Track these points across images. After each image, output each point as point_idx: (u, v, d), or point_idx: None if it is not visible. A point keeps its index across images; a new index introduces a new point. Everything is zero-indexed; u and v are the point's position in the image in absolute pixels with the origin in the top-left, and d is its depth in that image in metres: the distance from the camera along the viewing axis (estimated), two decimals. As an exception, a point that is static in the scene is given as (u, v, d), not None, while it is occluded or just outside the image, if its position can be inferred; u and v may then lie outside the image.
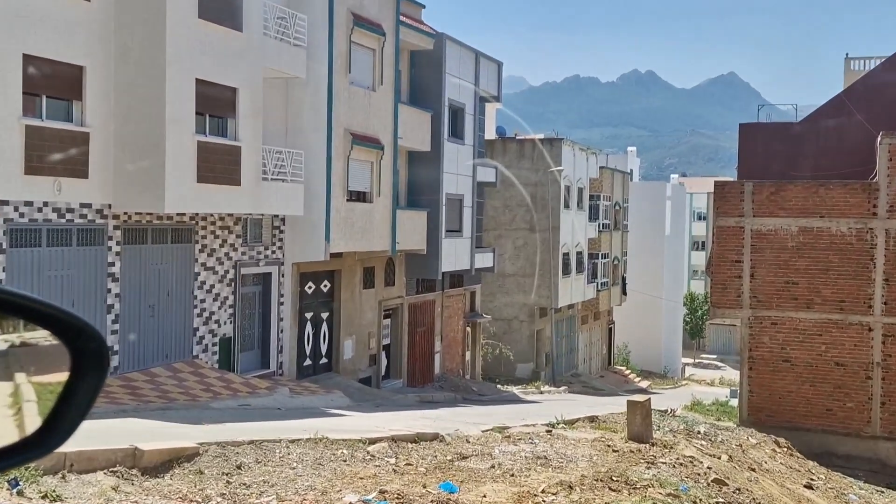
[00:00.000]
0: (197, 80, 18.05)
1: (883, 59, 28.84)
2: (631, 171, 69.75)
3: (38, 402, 1.86)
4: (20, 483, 7.13)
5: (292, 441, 10.39)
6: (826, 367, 22.32)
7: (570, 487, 8.60)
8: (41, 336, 1.85)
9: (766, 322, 22.73)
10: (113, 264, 17.74)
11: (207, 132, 18.77)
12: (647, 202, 62.60)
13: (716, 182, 23.83)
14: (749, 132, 27.36)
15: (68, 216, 16.78)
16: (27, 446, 1.84)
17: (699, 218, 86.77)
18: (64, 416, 1.86)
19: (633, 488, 8.78)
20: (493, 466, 9.82)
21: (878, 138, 22.63)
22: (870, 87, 26.05)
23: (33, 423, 1.86)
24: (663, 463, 10.51)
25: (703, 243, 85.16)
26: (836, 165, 25.56)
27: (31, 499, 6.94)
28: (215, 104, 18.85)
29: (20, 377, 1.88)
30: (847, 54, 38.44)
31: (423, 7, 30.52)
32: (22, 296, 1.81)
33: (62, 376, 1.87)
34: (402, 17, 26.45)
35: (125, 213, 17.85)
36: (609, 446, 11.49)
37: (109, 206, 17.49)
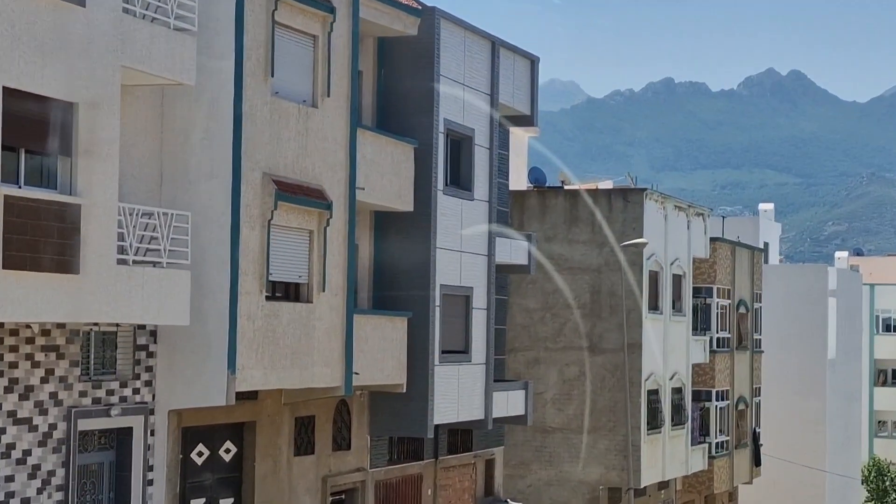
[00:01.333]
0: (4, 89, 18.17)
1: None
2: (766, 245, 70.02)
3: None
4: None
5: None
6: None
7: None
8: None
9: None
10: None
11: (21, 180, 18.79)
12: (795, 301, 62.66)
13: (915, 265, 23.86)
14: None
15: None
16: None
17: (888, 328, 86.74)
18: None
19: None
20: None
21: None
22: None
23: None
24: None
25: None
26: None
27: None
28: (36, 132, 18.92)
29: None
30: None
31: (401, -36, 31.10)
32: None
33: None
34: (364, -18, 26.91)
35: None
36: None
37: None
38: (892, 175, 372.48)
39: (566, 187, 43.45)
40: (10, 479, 19.86)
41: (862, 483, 71.27)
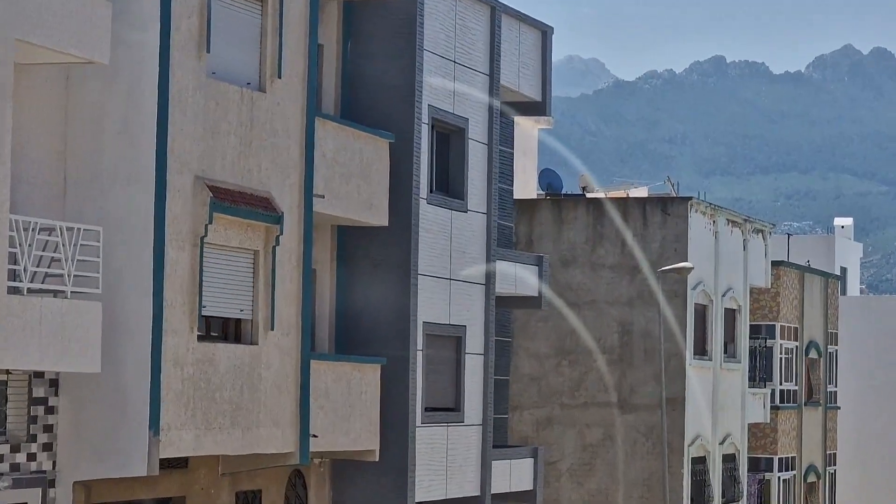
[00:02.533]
0: None
1: None
2: (843, 271, 70.17)
3: None
4: None
5: None
6: None
7: None
8: None
9: None
10: None
11: None
12: (881, 342, 62.61)
13: None
14: None
15: None
16: None
17: None
18: None
19: None
20: None
21: None
22: None
23: None
24: None
25: None
26: None
27: None
28: None
29: None
30: None
31: None
32: None
33: None
34: (326, -69, 27.05)
35: None
36: None
37: None
38: None
39: (588, 195, 43.51)
40: None
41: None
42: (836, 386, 54.42)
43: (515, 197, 36.14)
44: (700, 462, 42.33)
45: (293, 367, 25.49)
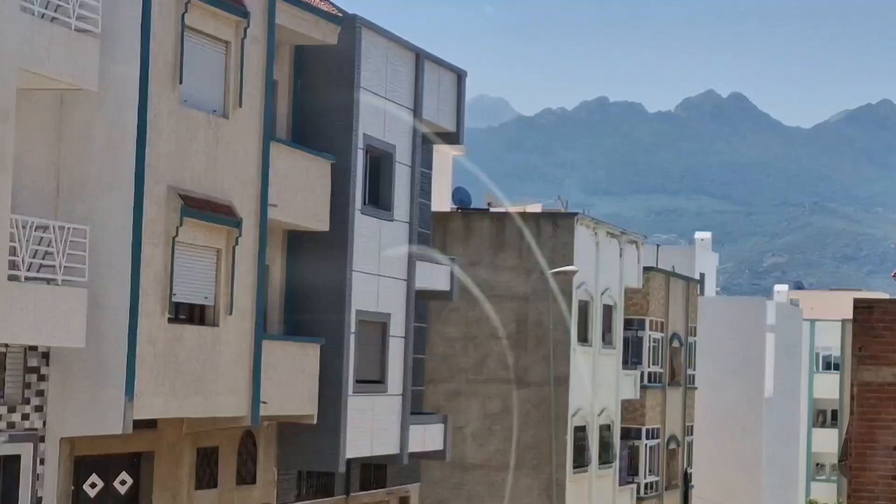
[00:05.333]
0: None
1: None
2: (702, 276, 70.72)
3: None
4: None
5: None
6: None
7: None
8: None
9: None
10: None
11: None
12: (732, 335, 63.22)
13: (856, 301, 24.04)
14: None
15: None
16: None
17: (828, 367, 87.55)
18: None
19: None
20: None
21: None
22: None
23: None
24: None
25: (835, 413, 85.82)
26: None
27: None
28: (-75, 136, 18.77)
29: None
30: None
31: (322, -32, 31.15)
32: None
33: None
34: (281, -14, 26.95)
35: None
36: None
37: None
38: (836, 205, 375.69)
39: (493, 209, 43.68)
40: None
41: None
42: (694, 370, 54.77)
43: (433, 210, 36.17)
44: (581, 430, 42.49)
45: (248, 345, 25.41)
